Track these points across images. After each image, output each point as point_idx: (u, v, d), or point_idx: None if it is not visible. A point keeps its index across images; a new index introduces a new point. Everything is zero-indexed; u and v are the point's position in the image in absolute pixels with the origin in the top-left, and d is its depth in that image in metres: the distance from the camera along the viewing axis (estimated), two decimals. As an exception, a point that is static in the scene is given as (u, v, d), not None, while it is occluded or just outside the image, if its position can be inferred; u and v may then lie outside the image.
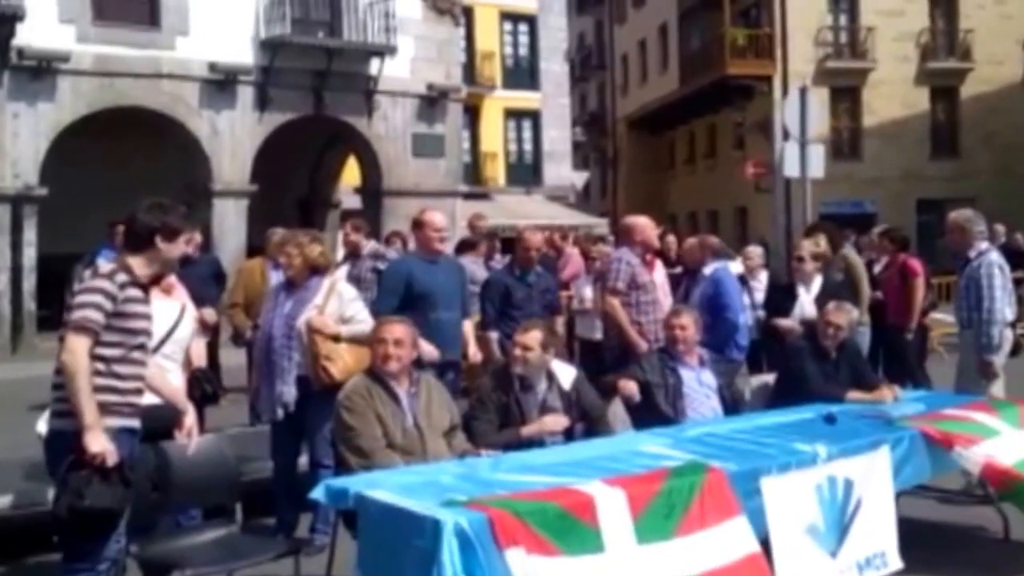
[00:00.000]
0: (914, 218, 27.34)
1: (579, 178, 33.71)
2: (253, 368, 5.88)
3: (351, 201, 21.88)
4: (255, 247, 9.83)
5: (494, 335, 7.10)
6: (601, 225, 26.55)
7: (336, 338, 5.31)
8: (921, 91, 30.21)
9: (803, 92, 11.61)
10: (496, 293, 7.22)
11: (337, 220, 21.56)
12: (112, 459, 3.60)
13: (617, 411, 5.45)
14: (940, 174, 29.36)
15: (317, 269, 5.50)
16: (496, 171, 29.48)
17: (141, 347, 3.87)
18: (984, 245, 6.48)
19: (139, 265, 3.88)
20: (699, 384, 5.61)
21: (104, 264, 3.91)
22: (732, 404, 5.66)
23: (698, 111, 32.68)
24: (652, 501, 3.65)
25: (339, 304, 5.43)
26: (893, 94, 29.50)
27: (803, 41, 28.93)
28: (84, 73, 16.55)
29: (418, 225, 6.59)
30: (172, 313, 5.01)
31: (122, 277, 3.78)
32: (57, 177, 16.37)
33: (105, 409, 3.67)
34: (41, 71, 16.12)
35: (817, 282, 7.44)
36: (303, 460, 5.56)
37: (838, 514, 4.26)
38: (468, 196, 22.56)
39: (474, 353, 6.75)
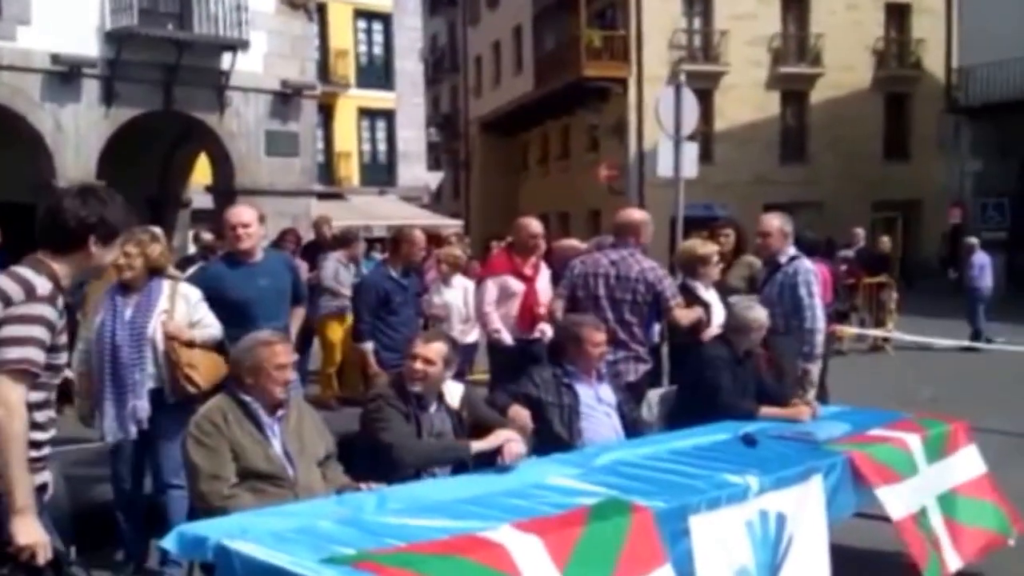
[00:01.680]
0: (762, 222, 28.25)
1: (433, 179, 33.61)
2: (83, 381, 4.98)
3: (202, 200, 21.10)
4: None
5: (370, 346, 6.62)
6: (454, 226, 26.52)
7: (191, 344, 4.87)
8: (772, 95, 30.81)
9: (678, 88, 11.20)
10: (373, 298, 6.67)
11: (188, 219, 20.79)
12: (45, 553, 2.85)
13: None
14: (789, 179, 29.97)
15: (157, 270, 4.98)
16: (350, 171, 29.05)
17: (56, 370, 3.09)
18: (793, 250, 6.32)
19: (65, 273, 3.07)
20: (597, 402, 5.05)
21: (37, 280, 2.96)
22: (632, 423, 5.13)
23: (552, 113, 32.76)
24: (574, 551, 3.16)
25: (186, 307, 4.98)
26: (745, 98, 30.01)
27: (658, 43, 29.21)
28: (-86, 63, 15.38)
29: (228, 228, 5.67)
30: None
31: (60, 300, 3.00)
32: None
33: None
34: None
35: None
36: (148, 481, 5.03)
37: (770, 554, 3.83)
38: (322, 196, 22.17)
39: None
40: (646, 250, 6.25)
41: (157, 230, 5.36)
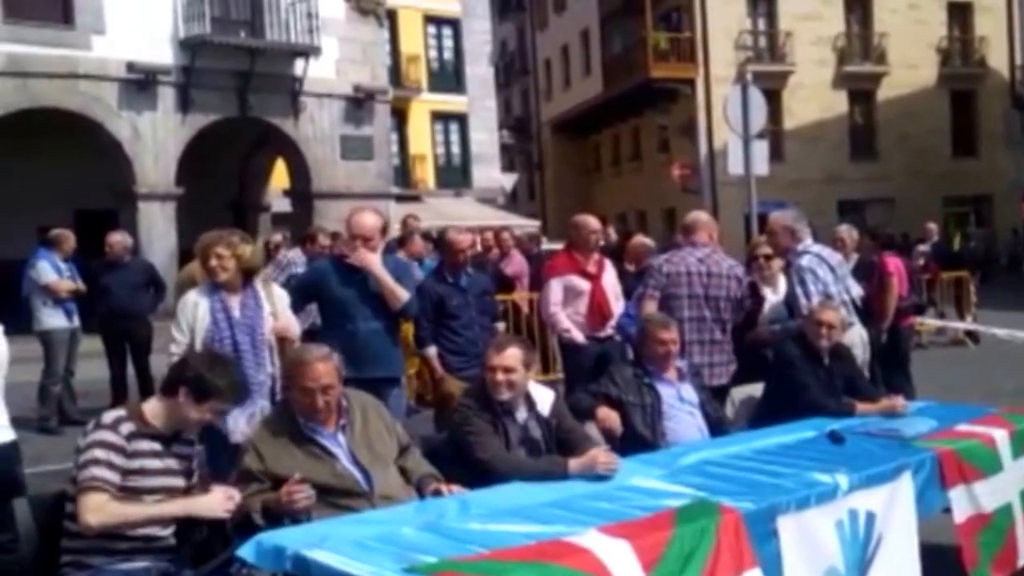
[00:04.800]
0: (835, 219, 27.86)
1: (508, 180, 33.68)
2: None
3: (281, 204, 21.42)
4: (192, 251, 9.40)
5: (432, 351, 6.48)
6: (532, 226, 26.48)
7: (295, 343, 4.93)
8: (839, 94, 30.99)
9: (745, 88, 11.34)
10: (429, 303, 6.49)
11: (269, 223, 21.09)
12: (234, 496, 3.41)
13: (591, 431, 4.66)
14: (860, 175, 30.17)
15: (250, 272, 4.99)
16: (425, 173, 29.24)
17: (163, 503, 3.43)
18: (802, 246, 6.11)
19: (155, 414, 3.46)
20: (680, 401, 4.91)
21: (108, 413, 3.45)
22: (717, 422, 4.99)
23: (622, 114, 32.95)
24: (664, 554, 3.05)
25: (283, 308, 5.08)
26: (812, 97, 30.20)
27: (724, 45, 29.40)
28: (-4, 73, 15.82)
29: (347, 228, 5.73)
30: None
31: (128, 427, 3.38)
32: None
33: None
34: (-52, 71, 15.36)
35: (782, 283, 6.50)
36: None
37: (859, 554, 3.71)
38: (399, 198, 22.29)
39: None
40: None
41: (246, 233, 5.38)
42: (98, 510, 3.25)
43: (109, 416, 3.44)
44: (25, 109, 16.14)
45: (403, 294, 5.58)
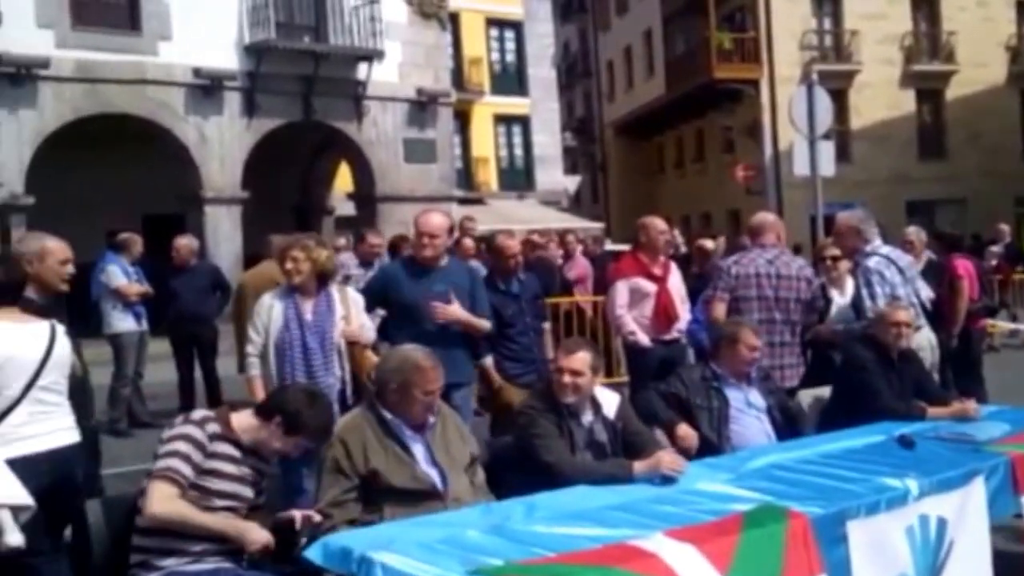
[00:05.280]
0: (904, 220, 27.28)
1: (571, 183, 33.61)
2: (255, 384, 5.12)
3: (345, 207, 21.61)
4: (257, 254, 9.51)
5: (488, 361, 6.41)
6: (595, 228, 26.39)
7: (366, 347, 5.02)
8: (907, 93, 30.42)
9: (811, 88, 11.22)
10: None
11: (332, 227, 21.29)
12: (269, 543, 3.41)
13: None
14: (929, 175, 29.58)
15: (325, 275, 5.09)
16: (488, 176, 29.31)
17: (229, 509, 3.49)
18: (870, 247, 5.99)
19: (244, 427, 3.55)
20: (747, 406, 4.88)
21: (198, 411, 3.58)
22: (787, 425, 4.92)
23: (685, 115, 32.74)
24: (734, 560, 3.02)
25: (356, 312, 5.15)
26: (879, 96, 29.66)
27: (788, 44, 29.04)
28: (66, 79, 16.11)
29: (415, 229, 5.77)
30: (41, 335, 4.01)
31: (213, 427, 3.48)
32: (45, 186, 15.94)
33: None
34: (21, 77, 15.68)
35: (850, 285, 6.40)
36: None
37: (930, 560, 3.67)
38: (463, 201, 22.37)
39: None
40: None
41: (322, 237, 5.66)
42: (164, 500, 3.30)
43: (198, 413, 3.56)
44: (94, 115, 16.46)
45: (485, 325, 5.63)
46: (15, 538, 3.71)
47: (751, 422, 4.83)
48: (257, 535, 3.40)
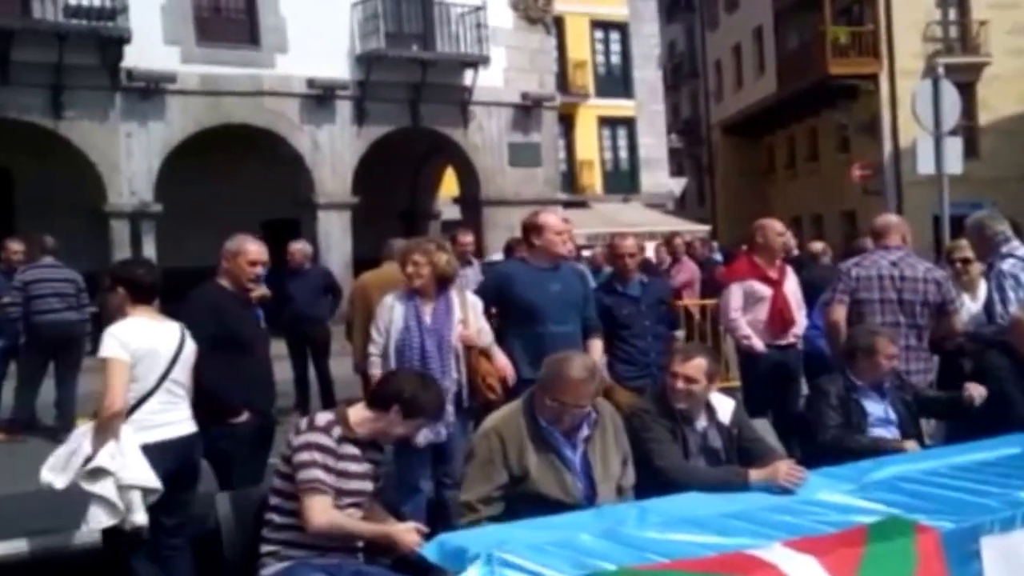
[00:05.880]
0: (1036, 219, 26.14)
1: (677, 185, 33.22)
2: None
3: (451, 212, 21.88)
4: (368, 259, 9.70)
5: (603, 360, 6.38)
6: (702, 231, 26.03)
7: (483, 352, 5.07)
8: (1041, 86, 28.87)
9: (936, 82, 10.71)
10: (600, 313, 6.31)
11: (439, 231, 21.56)
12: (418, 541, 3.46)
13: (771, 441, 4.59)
14: None
15: (445, 278, 5.17)
16: (593, 179, 29.22)
17: (355, 505, 3.62)
18: (1005, 248, 5.72)
19: (359, 421, 3.63)
20: (885, 422, 4.79)
21: (320, 415, 3.68)
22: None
23: (798, 114, 31.93)
24: (858, 574, 2.92)
25: (474, 316, 5.22)
26: (1009, 90, 28.20)
27: (911, 37, 27.96)
28: (191, 93, 16.83)
29: (536, 229, 5.71)
30: (174, 333, 4.44)
31: (339, 431, 3.58)
32: (171, 194, 16.69)
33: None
34: (150, 92, 16.45)
35: (983, 289, 6.15)
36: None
37: None
38: (567, 204, 22.37)
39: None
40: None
41: (443, 241, 5.65)
42: (322, 513, 3.43)
43: (321, 419, 3.63)
44: (216, 126, 17.14)
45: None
46: (141, 517, 3.98)
47: (883, 434, 4.72)
48: (409, 539, 3.47)
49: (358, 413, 3.65)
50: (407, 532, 3.50)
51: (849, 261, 6.08)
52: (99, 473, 3.96)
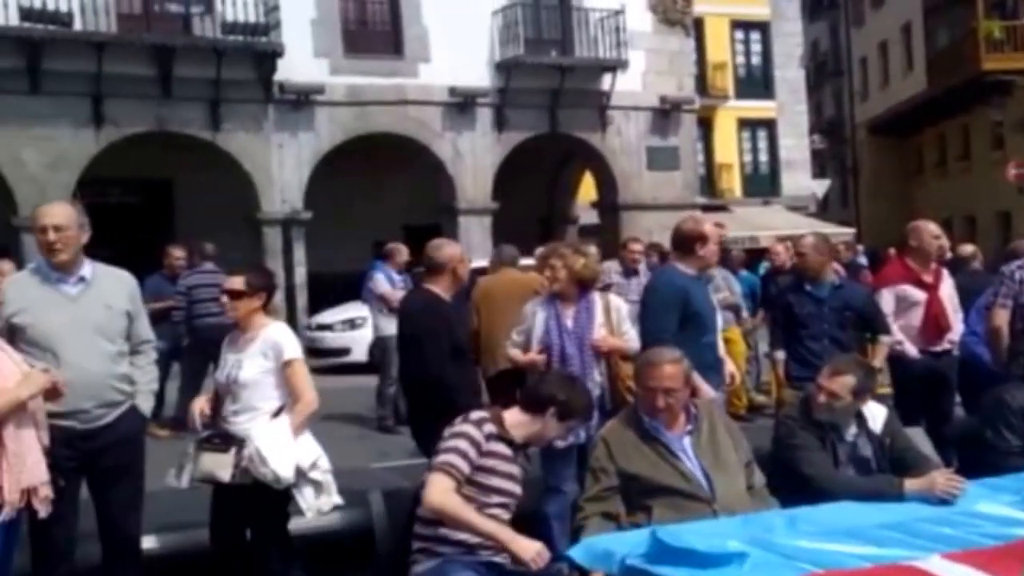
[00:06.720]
0: None
1: (819, 187, 32.30)
2: None
3: (588, 216, 21.95)
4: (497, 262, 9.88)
5: (780, 355, 6.38)
6: (846, 234, 25.26)
7: (626, 357, 5.09)
8: None
9: None
10: (779, 308, 6.51)
11: (576, 235, 21.66)
12: (545, 553, 3.42)
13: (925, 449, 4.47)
14: None
15: (584, 282, 5.23)
16: (732, 182, 28.79)
17: (502, 506, 3.65)
18: None
19: (515, 424, 3.72)
20: None
21: (476, 412, 3.78)
22: None
23: (949, 111, 30.64)
24: None
25: (618, 320, 5.25)
26: None
27: (1069, 30, 26.62)
28: (338, 103, 17.53)
29: (701, 239, 5.50)
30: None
31: (489, 428, 3.65)
32: (319, 201, 17.38)
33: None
34: (300, 103, 17.21)
35: None
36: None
37: None
38: (705, 208, 22.09)
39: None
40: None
41: (583, 246, 5.69)
42: (441, 493, 3.47)
43: (476, 414, 3.73)
44: (362, 134, 17.73)
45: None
46: (336, 499, 4.23)
47: None
48: (525, 548, 3.42)
49: (513, 416, 3.74)
50: (529, 551, 3.41)
51: (1013, 264, 5.84)
52: (312, 463, 4.21)
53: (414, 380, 5.34)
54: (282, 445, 4.14)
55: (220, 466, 4.18)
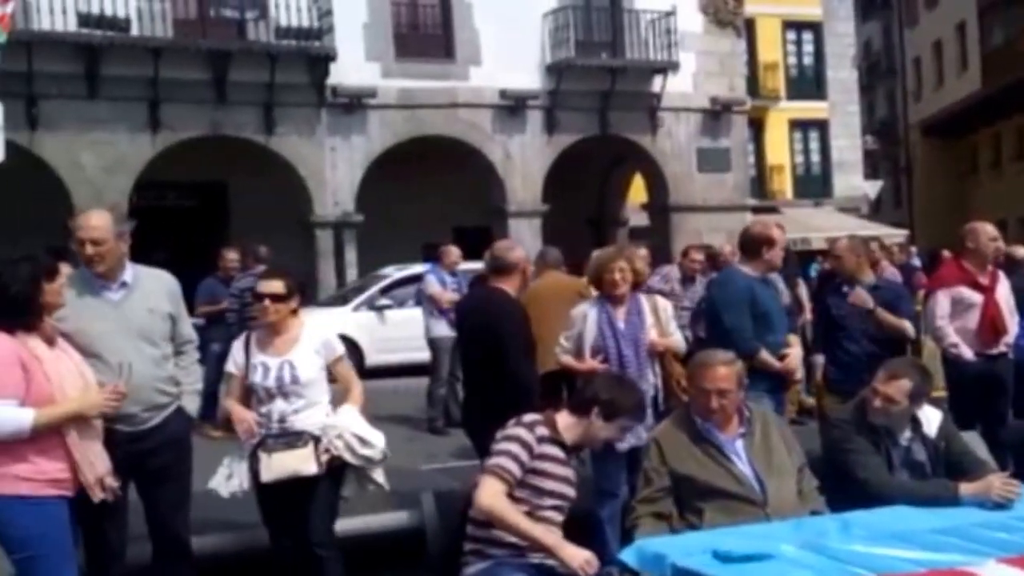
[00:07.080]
0: None
1: (872, 188, 31.91)
2: None
3: (638, 218, 21.90)
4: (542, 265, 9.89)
5: (819, 359, 6.36)
6: (899, 235, 24.94)
7: (677, 357, 5.12)
8: None
9: None
10: (821, 312, 6.50)
11: (626, 238, 21.63)
12: (592, 560, 3.42)
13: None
14: None
15: (637, 284, 5.32)
16: (783, 184, 28.56)
17: (555, 508, 3.65)
18: None
19: (566, 427, 3.73)
20: None
21: (528, 415, 3.77)
22: None
23: (1005, 111, 30.13)
24: None
25: (666, 320, 5.28)
26: None
27: None
28: (390, 106, 17.70)
29: (768, 242, 5.59)
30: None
31: (541, 430, 3.66)
32: (371, 203, 17.56)
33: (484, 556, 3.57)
34: (353, 107, 17.40)
35: None
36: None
37: None
38: (756, 210, 21.93)
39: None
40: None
41: (633, 248, 5.88)
42: (494, 496, 3.49)
43: (529, 417, 3.73)
44: (413, 137, 17.89)
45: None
46: (381, 478, 4.39)
47: None
48: (573, 556, 3.42)
49: (564, 419, 3.74)
50: (577, 559, 3.41)
51: None
52: (368, 442, 4.35)
53: (484, 378, 5.31)
54: (366, 426, 4.34)
55: (302, 460, 4.24)
